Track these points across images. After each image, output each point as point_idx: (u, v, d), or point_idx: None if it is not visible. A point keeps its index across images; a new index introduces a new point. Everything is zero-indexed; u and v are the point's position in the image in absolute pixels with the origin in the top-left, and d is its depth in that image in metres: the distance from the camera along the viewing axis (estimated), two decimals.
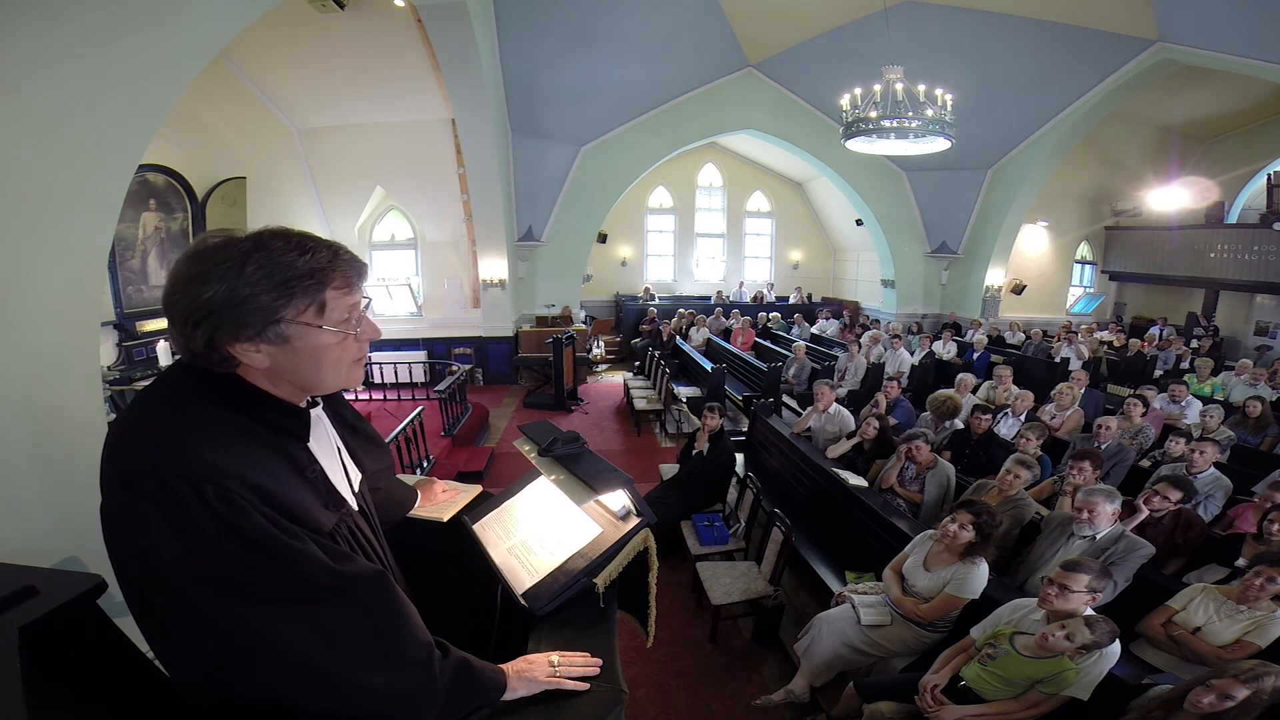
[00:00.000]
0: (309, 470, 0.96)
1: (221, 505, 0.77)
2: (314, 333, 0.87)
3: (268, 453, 0.89)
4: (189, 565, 0.77)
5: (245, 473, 0.81)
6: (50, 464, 2.08)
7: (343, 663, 0.82)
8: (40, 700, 0.97)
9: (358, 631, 0.84)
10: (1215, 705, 1.65)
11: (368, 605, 0.85)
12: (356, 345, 0.94)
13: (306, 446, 0.98)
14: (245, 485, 0.80)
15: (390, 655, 0.86)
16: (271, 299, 0.83)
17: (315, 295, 0.86)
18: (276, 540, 0.79)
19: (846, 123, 6.70)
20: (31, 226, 2.01)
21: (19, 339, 1.99)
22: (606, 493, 1.33)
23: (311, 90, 7.42)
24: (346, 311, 0.91)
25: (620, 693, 1.03)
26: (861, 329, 10.60)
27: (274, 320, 0.84)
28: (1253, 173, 11.70)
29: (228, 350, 0.84)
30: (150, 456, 0.79)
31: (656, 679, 3.03)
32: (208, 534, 0.76)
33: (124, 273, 5.82)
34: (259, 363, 0.87)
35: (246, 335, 0.83)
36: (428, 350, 9.09)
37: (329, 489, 1.00)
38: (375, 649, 0.85)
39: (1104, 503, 2.76)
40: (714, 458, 4.31)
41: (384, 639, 0.86)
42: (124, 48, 2.27)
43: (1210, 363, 7.13)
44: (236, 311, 0.81)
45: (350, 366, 0.95)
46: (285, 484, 0.88)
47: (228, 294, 0.81)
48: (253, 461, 0.84)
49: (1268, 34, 6.44)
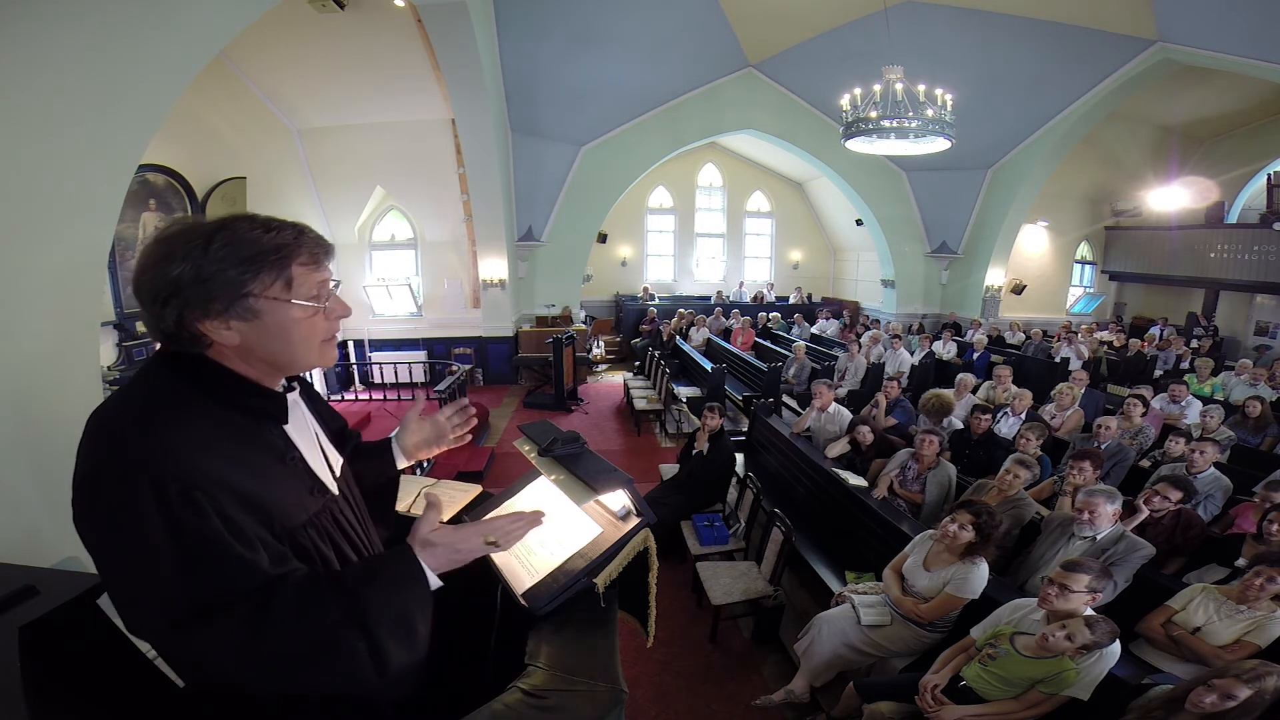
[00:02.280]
0: (288, 456, 0.96)
1: (182, 508, 0.76)
2: (283, 307, 0.88)
3: (245, 443, 0.89)
4: (131, 567, 0.77)
5: (219, 470, 0.81)
6: (50, 464, 2.08)
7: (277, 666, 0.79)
8: (40, 700, 0.97)
9: (287, 638, 0.79)
10: (1217, 705, 1.65)
11: (294, 610, 0.80)
12: (326, 323, 0.95)
13: (285, 432, 0.98)
14: (215, 483, 0.79)
15: (319, 652, 0.81)
16: (238, 273, 0.84)
17: (282, 270, 0.88)
18: (225, 548, 0.78)
19: (846, 123, 6.69)
20: (32, 226, 2.01)
21: (19, 339, 1.99)
22: (606, 493, 1.33)
23: (311, 90, 7.42)
24: (315, 288, 0.92)
25: (620, 693, 1.03)
26: (861, 329, 10.60)
27: (241, 294, 0.85)
28: (1253, 173, 11.69)
29: (198, 328, 0.85)
30: (120, 452, 0.79)
31: (656, 679, 3.03)
32: (152, 538, 0.75)
33: (124, 273, 5.80)
34: (229, 340, 0.87)
35: (215, 311, 0.84)
36: (428, 350, 9.10)
37: (310, 474, 1.00)
38: (303, 653, 0.80)
39: (1104, 503, 2.76)
40: (714, 458, 4.31)
41: (309, 641, 0.81)
42: (124, 48, 2.27)
43: (1210, 363, 7.12)
44: (204, 287, 0.83)
45: (321, 345, 0.96)
46: (261, 477, 0.87)
47: (194, 271, 0.82)
48: (229, 456, 0.84)
49: (1268, 34, 6.44)
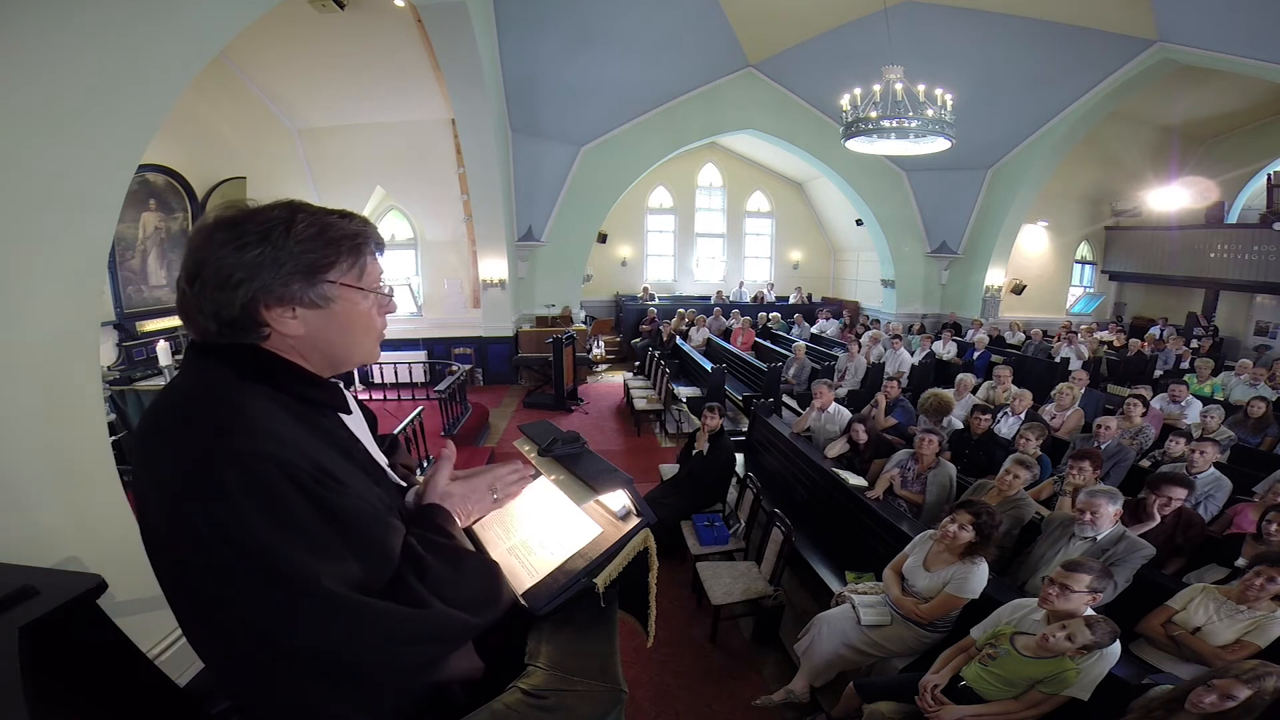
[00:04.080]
0: (354, 450, 0.93)
1: (315, 485, 0.75)
2: (355, 295, 0.87)
3: (315, 432, 0.86)
4: (280, 542, 0.72)
5: (309, 452, 0.79)
6: (50, 464, 2.08)
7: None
8: (40, 700, 0.97)
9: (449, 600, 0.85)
10: (1217, 705, 1.65)
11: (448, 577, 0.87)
12: (381, 318, 0.93)
13: (344, 423, 0.95)
14: (313, 465, 0.78)
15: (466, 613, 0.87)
16: (321, 255, 0.82)
17: (358, 256, 0.86)
18: (368, 514, 0.80)
19: (846, 123, 6.70)
20: (32, 226, 2.01)
21: (19, 339, 1.99)
22: (606, 493, 1.33)
23: (311, 90, 7.42)
24: (378, 280, 0.91)
25: (620, 693, 1.03)
26: (861, 329, 10.60)
27: (321, 279, 0.82)
28: (1253, 173, 11.70)
29: (263, 315, 0.80)
30: (230, 438, 0.74)
31: (656, 679, 3.03)
32: (298, 512, 0.74)
33: (124, 273, 5.81)
34: (293, 330, 0.83)
35: (289, 296, 0.81)
36: (428, 350, 9.07)
37: (375, 465, 0.97)
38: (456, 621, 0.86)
39: (1106, 504, 2.76)
40: (714, 458, 4.31)
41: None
42: (124, 48, 2.26)
43: (1210, 363, 7.12)
44: (285, 269, 0.79)
45: (375, 339, 0.94)
46: (339, 464, 0.84)
47: (275, 252, 0.79)
48: (309, 441, 0.82)
49: (1268, 34, 6.44)
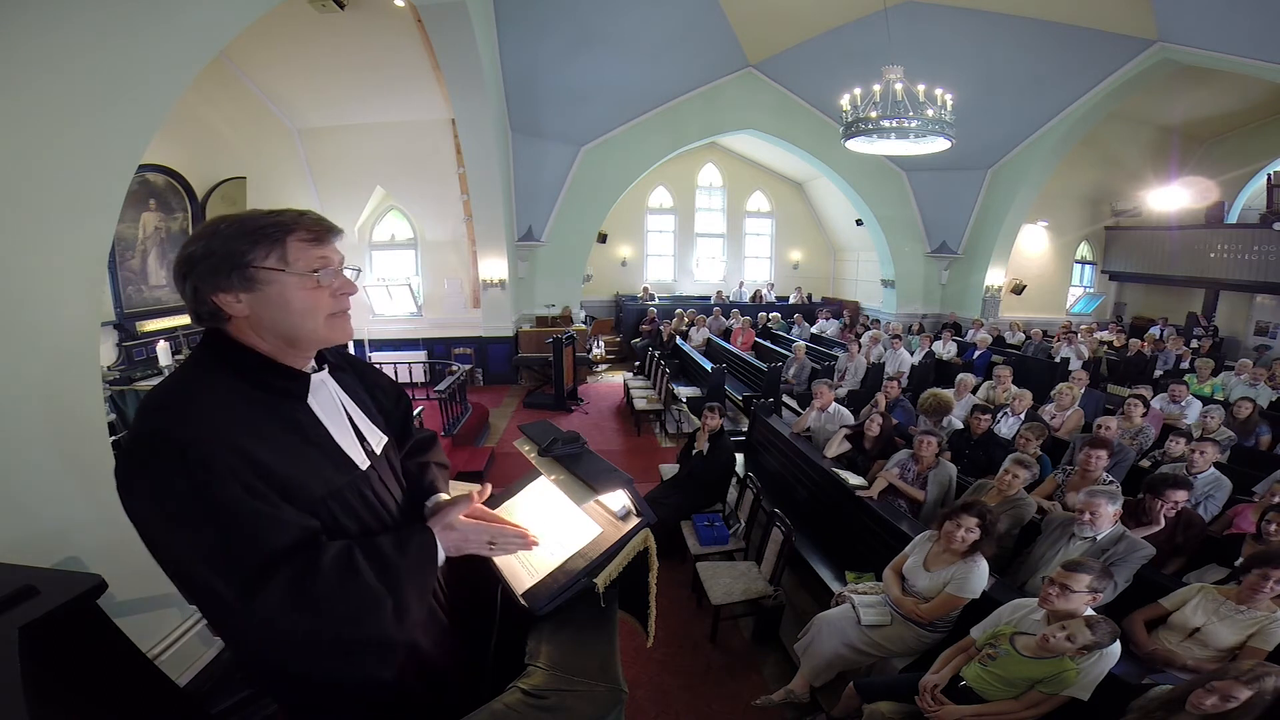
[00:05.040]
0: (312, 432, 1.02)
1: (199, 469, 0.83)
2: (279, 277, 0.95)
3: (266, 417, 0.96)
4: (167, 530, 0.86)
5: (237, 438, 0.89)
6: (50, 464, 2.08)
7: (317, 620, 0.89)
8: (41, 700, 0.97)
9: (335, 597, 0.90)
10: (1218, 706, 1.65)
11: (340, 572, 0.91)
12: (331, 298, 1.00)
13: (309, 409, 1.03)
14: (231, 449, 0.87)
15: (362, 610, 0.92)
16: (238, 244, 0.93)
17: (276, 243, 0.95)
18: (247, 506, 0.86)
19: (846, 123, 6.69)
20: (32, 227, 2.01)
21: (19, 339, 1.99)
22: (606, 493, 1.33)
23: (311, 90, 7.42)
24: (315, 262, 0.98)
25: (620, 693, 1.03)
26: (861, 329, 10.59)
27: (241, 264, 0.93)
28: (1253, 173, 11.69)
29: (213, 300, 0.95)
30: (149, 422, 0.90)
31: (656, 679, 3.03)
32: (180, 499, 0.83)
33: (124, 273, 5.82)
34: (240, 311, 0.96)
35: (222, 283, 0.93)
36: (428, 350, 9.08)
37: (336, 451, 1.04)
38: (349, 612, 0.92)
39: (1106, 504, 2.76)
40: (714, 458, 4.31)
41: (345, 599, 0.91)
42: (124, 48, 2.27)
43: (1210, 363, 7.11)
44: (211, 260, 0.93)
45: (328, 319, 1.01)
46: (279, 450, 0.94)
47: (205, 247, 0.93)
48: (248, 427, 0.92)
49: (1268, 34, 6.43)
